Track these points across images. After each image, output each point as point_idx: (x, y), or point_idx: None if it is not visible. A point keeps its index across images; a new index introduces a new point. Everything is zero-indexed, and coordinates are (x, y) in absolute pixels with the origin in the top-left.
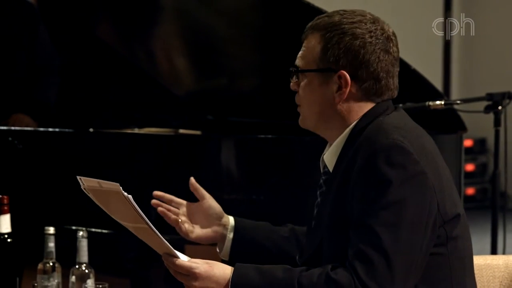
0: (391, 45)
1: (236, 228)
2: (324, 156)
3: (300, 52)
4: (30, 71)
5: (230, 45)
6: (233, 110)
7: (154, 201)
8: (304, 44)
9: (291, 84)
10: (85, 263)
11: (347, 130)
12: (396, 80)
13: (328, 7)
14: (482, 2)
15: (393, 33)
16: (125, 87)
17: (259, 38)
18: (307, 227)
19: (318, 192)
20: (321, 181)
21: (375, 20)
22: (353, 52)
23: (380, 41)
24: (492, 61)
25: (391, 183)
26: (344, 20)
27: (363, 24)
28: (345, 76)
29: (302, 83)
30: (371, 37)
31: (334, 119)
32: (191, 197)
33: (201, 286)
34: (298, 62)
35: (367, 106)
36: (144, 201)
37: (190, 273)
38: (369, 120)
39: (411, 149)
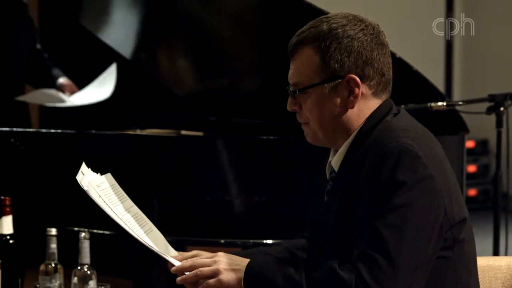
0: (383, 37)
1: None
2: (332, 162)
3: (291, 71)
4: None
5: (232, 46)
6: (235, 111)
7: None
8: (295, 61)
9: (289, 105)
10: (87, 264)
11: (354, 133)
12: (392, 71)
13: (330, 8)
14: (484, 3)
15: (378, 25)
16: (127, 89)
17: (261, 39)
18: (310, 228)
19: (326, 198)
20: (329, 187)
21: (357, 17)
22: (355, 53)
23: (374, 36)
24: (494, 62)
25: (399, 187)
26: (334, 25)
27: (352, 25)
28: (354, 79)
29: (308, 100)
30: (365, 35)
31: (345, 126)
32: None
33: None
34: (294, 80)
35: (375, 105)
36: (146, 202)
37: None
38: (375, 121)
39: (420, 153)
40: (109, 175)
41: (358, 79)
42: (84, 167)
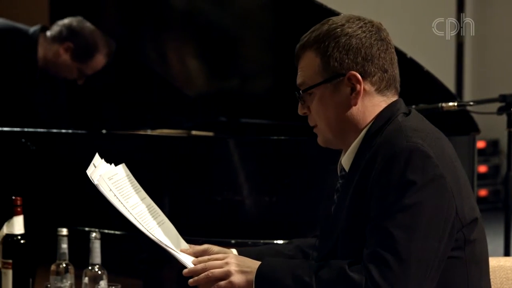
0: (384, 33)
1: None
2: (342, 160)
3: (298, 75)
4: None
5: (242, 47)
6: (245, 112)
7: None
8: (299, 66)
9: (300, 109)
10: (98, 264)
11: (363, 133)
12: (397, 68)
13: (341, 8)
14: (495, 3)
15: (379, 23)
16: (137, 89)
17: (271, 39)
18: (321, 228)
19: (335, 196)
20: (338, 185)
21: (357, 17)
22: (354, 50)
23: (373, 32)
24: (505, 62)
25: (410, 186)
26: (332, 26)
27: (351, 23)
28: (354, 75)
29: (314, 101)
30: (363, 31)
31: (351, 124)
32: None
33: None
34: (300, 83)
35: (381, 103)
36: (157, 202)
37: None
38: (384, 121)
39: (431, 153)
40: (123, 165)
41: (358, 75)
42: (97, 158)
